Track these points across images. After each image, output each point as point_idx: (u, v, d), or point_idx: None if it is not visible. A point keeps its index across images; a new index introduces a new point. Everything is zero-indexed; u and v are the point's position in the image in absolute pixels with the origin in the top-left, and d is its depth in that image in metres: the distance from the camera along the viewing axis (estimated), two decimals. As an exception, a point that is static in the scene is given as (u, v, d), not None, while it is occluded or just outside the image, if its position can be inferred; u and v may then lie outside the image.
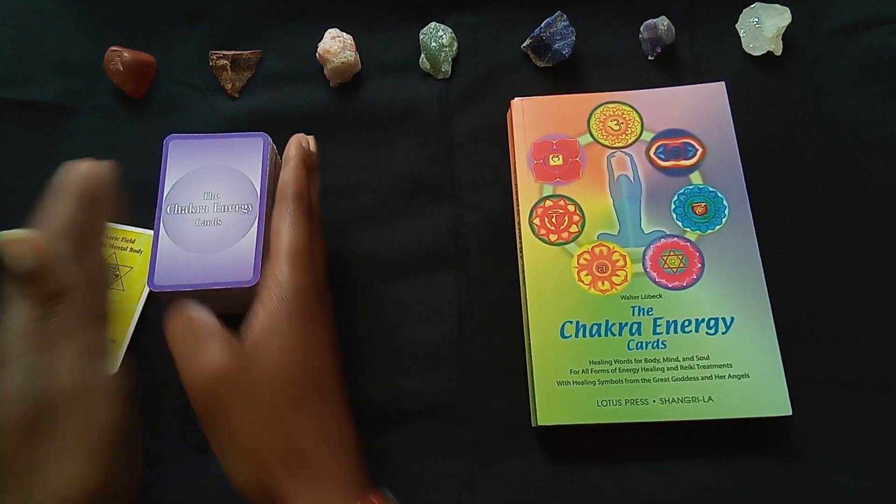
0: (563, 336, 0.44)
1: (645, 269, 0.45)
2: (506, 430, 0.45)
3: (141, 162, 0.51)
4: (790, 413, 0.42)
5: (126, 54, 0.53)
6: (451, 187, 0.51)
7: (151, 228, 0.43)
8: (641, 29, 0.54)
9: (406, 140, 0.52)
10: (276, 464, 0.34)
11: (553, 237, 0.46)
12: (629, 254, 0.46)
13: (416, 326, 0.47)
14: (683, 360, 0.43)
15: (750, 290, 0.44)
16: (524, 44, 0.54)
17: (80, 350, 0.33)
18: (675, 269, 0.45)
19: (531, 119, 0.50)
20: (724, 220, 0.46)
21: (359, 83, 0.54)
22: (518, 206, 0.48)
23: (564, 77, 0.54)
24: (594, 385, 0.43)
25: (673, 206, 0.47)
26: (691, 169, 0.48)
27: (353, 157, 0.52)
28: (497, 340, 0.47)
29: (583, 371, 0.43)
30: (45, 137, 0.53)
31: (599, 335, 0.44)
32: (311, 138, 0.43)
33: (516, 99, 0.51)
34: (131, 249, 0.47)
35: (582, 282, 0.45)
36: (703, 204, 0.47)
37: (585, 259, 0.46)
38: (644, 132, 0.49)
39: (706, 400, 0.42)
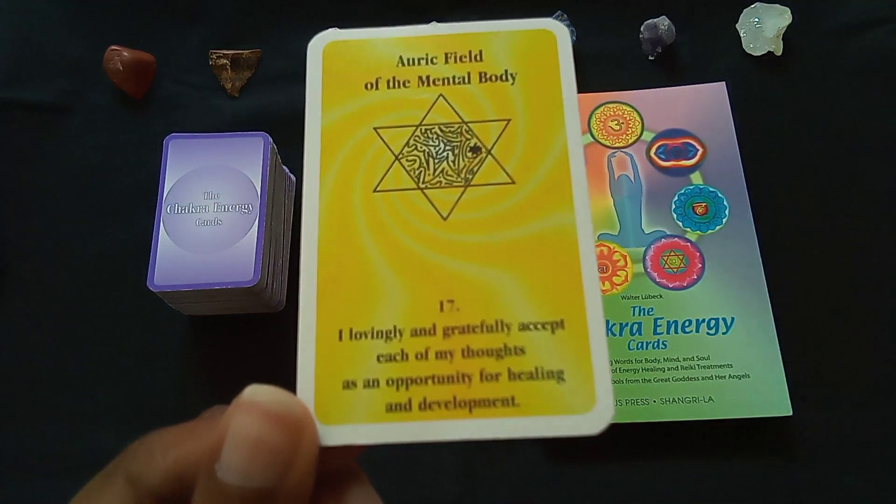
0: (563, 336, 0.44)
1: (645, 269, 0.45)
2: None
3: (141, 162, 0.51)
4: (790, 413, 0.42)
5: (126, 54, 0.52)
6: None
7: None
8: (642, 29, 0.54)
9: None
10: None
11: (553, 237, 0.46)
12: (629, 254, 0.46)
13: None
14: (684, 360, 0.43)
15: (750, 290, 0.44)
16: (524, 44, 0.54)
17: None
18: (675, 270, 0.45)
19: (531, 119, 0.50)
20: (724, 220, 0.46)
21: (359, 83, 0.54)
22: (518, 206, 0.48)
23: (565, 77, 0.54)
24: (594, 385, 0.43)
25: (673, 207, 0.47)
26: (692, 169, 0.48)
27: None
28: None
29: (583, 371, 0.43)
30: (45, 137, 0.52)
31: (600, 335, 0.44)
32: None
33: (516, 99, 0.51)
34: (485, 76, 0.21)
35: (582, 282, 0.45)
36: (703, 204, 0.47)
37: (586, 259, 0.46)
38: (644, 132, 0.49)
39: (706, 400, 0.42)
